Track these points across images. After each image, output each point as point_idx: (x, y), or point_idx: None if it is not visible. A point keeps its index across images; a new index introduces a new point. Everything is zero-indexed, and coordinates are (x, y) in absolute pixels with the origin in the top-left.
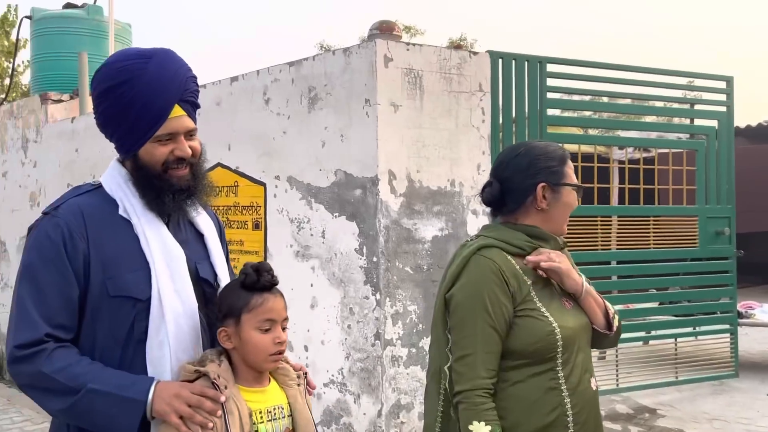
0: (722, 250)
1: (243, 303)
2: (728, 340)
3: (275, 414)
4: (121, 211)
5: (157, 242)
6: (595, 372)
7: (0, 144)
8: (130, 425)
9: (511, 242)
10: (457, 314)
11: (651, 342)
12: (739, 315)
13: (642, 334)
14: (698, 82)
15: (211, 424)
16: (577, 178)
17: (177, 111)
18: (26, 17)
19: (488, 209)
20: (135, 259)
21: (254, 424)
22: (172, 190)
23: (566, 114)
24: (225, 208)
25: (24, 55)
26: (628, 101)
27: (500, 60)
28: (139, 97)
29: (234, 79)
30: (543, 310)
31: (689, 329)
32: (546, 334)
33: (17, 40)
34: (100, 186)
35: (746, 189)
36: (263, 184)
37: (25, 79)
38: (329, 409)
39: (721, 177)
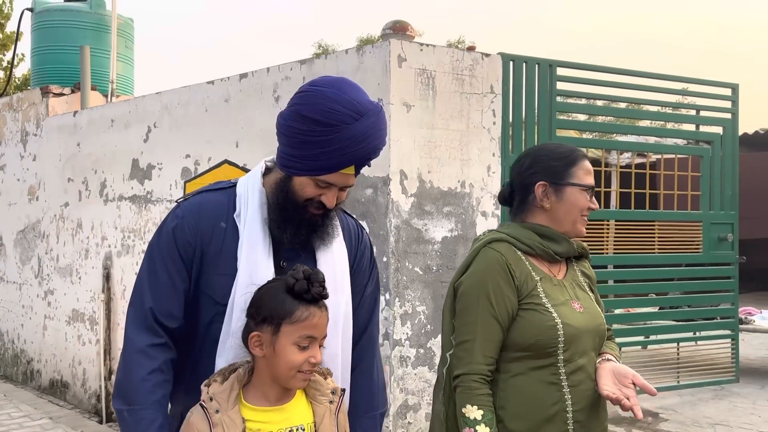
0: (725, 256)
1: (287, 312)
2: (729, 345)
3: None
4: (235, 215)
5: (249, 253)
6: None
7: None
8: None
9: (521, 239)
10: (461, 302)
11: (653, 347)
12: (741, 321)
13: (641, 338)
14: (704, 89)
15: None
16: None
17: (349, 169)
18: (27, 9)
19: (493, 210)
20: (228, 263)
21: None
22: (299, 222)
23: (580, 118)
24: None
25: (21, 47)
26: (635, 106)
27: (511, 62)
28: (330, 145)
29: (243, 76)
30: (548, 305)
31: (689, 334)
32: (547, 328)
33: (17, 32)
34: (235, 185)
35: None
36: None
37: (19, 71)
38: None
39: (725, 183)
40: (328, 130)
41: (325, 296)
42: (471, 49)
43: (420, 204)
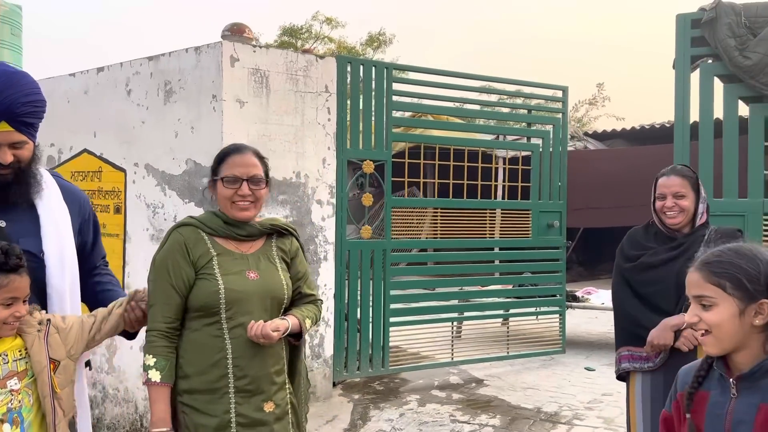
0: (553, 241)
1: None
2: (557, 320)
3: None
4: None
5: None
6: (438, 348)
7: None
8: None
9: (206, 224)
10: (151, 274)
11: (487, 321)
12: (577, 299)
13: (492, 312)
14: (537, 91)
15: None
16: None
17: (3, 126)
18: None
19: (328, 199)
20: None
21: None
22: None
23: (426, 116)
24: (90, 192)
25: None
26: (476, 107)
27: (349, 64)
28: None
29: (100, 69)
30: (217, 274)
31: (524, 309)
32: (211, 293)
33: None
34: None
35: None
36: (124, 171)
37: None
38: None
39: (554, 176)
40: None
41: (23, 265)
42: (306, 51)
43: None
